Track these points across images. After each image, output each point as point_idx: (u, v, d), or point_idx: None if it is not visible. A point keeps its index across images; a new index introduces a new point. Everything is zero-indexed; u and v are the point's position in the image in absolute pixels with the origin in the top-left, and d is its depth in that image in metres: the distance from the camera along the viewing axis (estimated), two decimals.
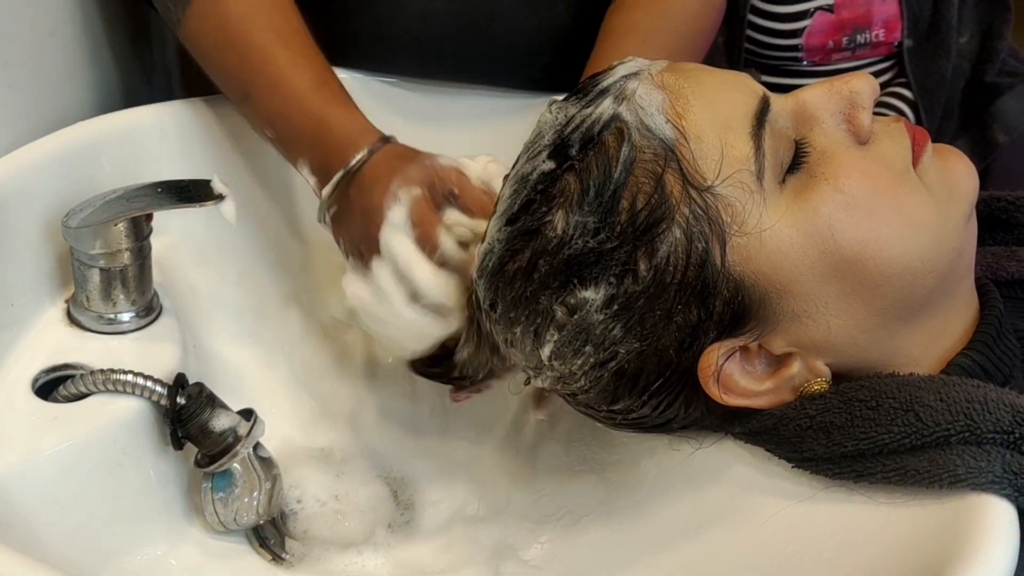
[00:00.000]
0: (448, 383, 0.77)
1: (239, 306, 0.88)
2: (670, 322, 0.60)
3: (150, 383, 0.69)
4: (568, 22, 0.92)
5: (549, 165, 0.62)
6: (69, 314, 0.76)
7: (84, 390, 0.69)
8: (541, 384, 0.66)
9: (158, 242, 0.77)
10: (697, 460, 0.66)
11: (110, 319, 0.75)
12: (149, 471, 0.71)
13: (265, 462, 0.73)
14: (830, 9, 1.21)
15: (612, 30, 0.86)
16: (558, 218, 0.61)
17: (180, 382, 0.71)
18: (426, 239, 0.72)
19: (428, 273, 0.71)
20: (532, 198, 0.62)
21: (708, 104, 0.61)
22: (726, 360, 0.61)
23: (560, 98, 0.66)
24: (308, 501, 0.79)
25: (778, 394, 0.63)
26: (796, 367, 0.62)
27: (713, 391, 0.62)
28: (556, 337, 0.62)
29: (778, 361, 0.62)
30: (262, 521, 0.74)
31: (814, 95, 0.62)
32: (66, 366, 0.73)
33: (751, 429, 0.63)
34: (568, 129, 0.62)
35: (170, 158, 0.85)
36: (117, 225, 0.72)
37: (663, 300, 0.60)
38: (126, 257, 0.74)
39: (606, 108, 0.62)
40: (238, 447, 0.70)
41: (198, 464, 0.72)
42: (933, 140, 0.64)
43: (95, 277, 0.74)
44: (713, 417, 0.65)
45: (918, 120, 1.24)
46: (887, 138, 0.62)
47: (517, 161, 0.66)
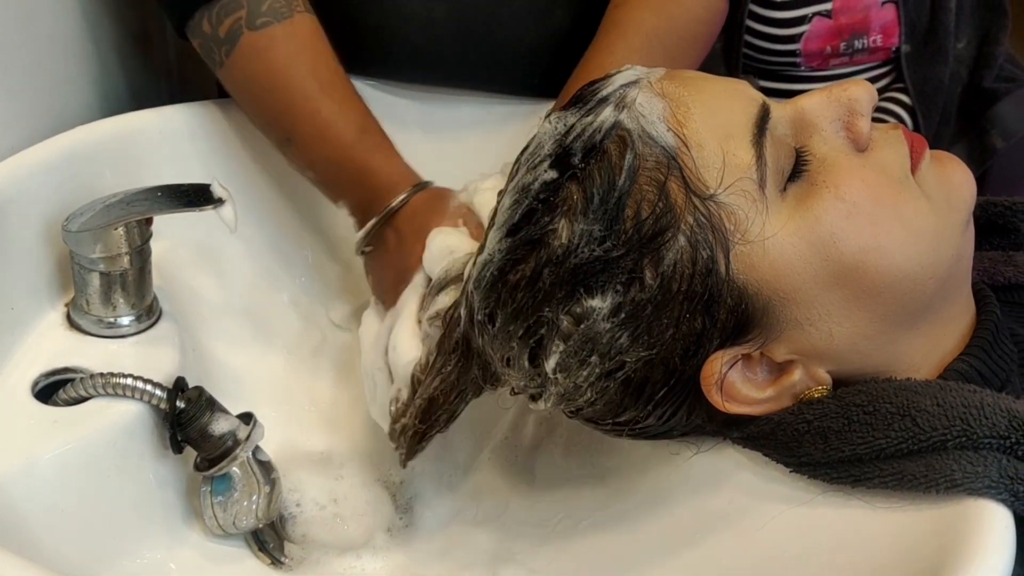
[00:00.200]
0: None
1: (239, 310, 0.88)
2: (676, 330, 0.60)
3: (150, 387, 0.70)
4: (567, 30, 0.92)
5: (551, 174, 0.61)
6: (69, 318, 0.76)
7: (84, 394, 0.70)
8: (544, 405, 0.65)
9: (158, 246, 0.77)
10: (695, 464, 0.66)
11: (110, 323, 0.75)
12: (148, 475, 0.71)
13: (264, 466, 0.73)
14: (828, 15, 1.21)
15: (616, 24, 0.86)
16: (562, 227, 0.60)
17: (180, 386, 0.71)
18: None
19: (406, 332, 0.74)
20: (534, 207, 0.62)
21: (709, 112, 0.61)
22: (729, 368, 0.61)
23: (558, 107, 0.66)
24: (307, 505, 0.79)
25: (779, 401, 0.63)
26: (798, 375, 0.62)
27: (716, 399, 0.62)
28: (562, 348, 0.62)
29: (780, 369, 0.62)
30: (261, 525, 0.74)
31: (813, 103, 0.62)
32: (66, 370, 0.73)
33: (749, 434, 0.63)
34: (569, 138, 0.62)
35: (170, 162, 0.85)
36: (117, 229, 0.72)
37: (670, 308, 0.60)
38: (126, 261, 0.74)
39: (607, 116, 0.61)
40: (237, 451, 0.70)
41: (197, 468, 0.72)
42: (931, 145, 0.64)
43: (95, 281, 0.74)
44: (713, 424, 0.65)
45: (916, 125, 1.24)
46: (886, 145, 0.62)
47: (515, 173, 0.65)
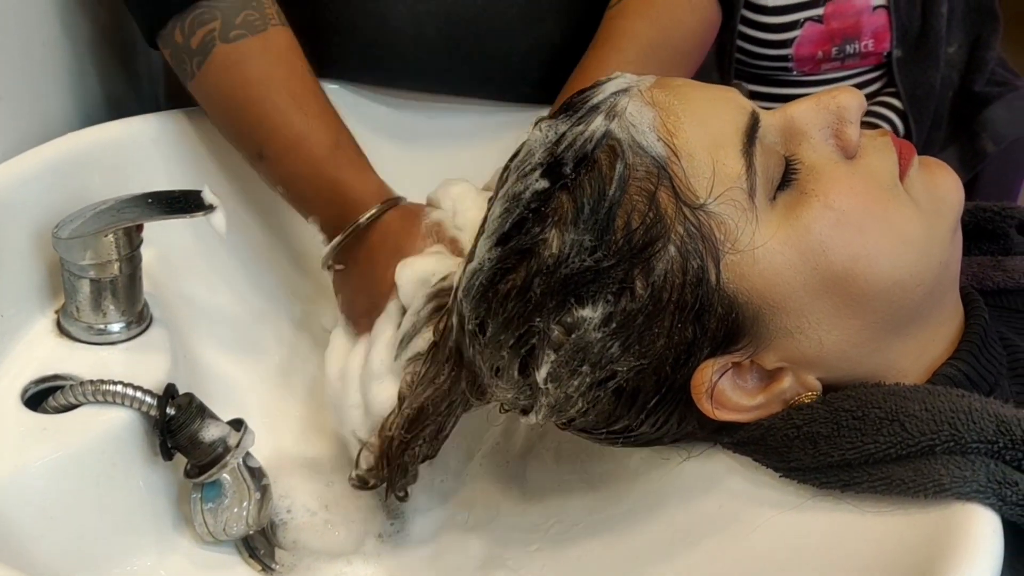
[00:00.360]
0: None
1: (229, 317, 0.88)
2: (667, 340, 0.60)
3: (140, 394, 0.69)
4: (558, 39, 0.91)
5: (543, 184, 0.61)
6: (59, 325, 0.76)
7: (74, 401, 0.69)
8: (535, 418, 0.65)
9: (148, 253, 0.77)
10: (686, 470, 0.66)
11: (100, 330, 0.75)
12: (139, 482, 0.71)
13: (255, 472, 0.73)
14: (820, 20, 1.21)
15: (612, 35, 0.85)
16: (552, 237, 0.60)
17: (170, 393, 0.71)
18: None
19: (381, 367, 0.74)
20: (525, 217, 0.62)
21: (698, 121, 0.61)
22: (720, 377, 0.61)
23: (547, 115, 0.65)
24: (298, 511, 0.79)
25: (769, 408, 0.63)
26: (788, 382, 0.62)
27: (706, 407, 0.62)
28: (553, 358, 0.62)
29: (770, 376, 0.62)
30: (252, 531, 0.74)
31: (802, 110, 0.62)
32: (56, 377, 0.73)
33: (739, 439, 0.64)
34: (560, 147, 0.62)
35: (160, 169, 0.85)
36: (107, 236, 0.72)
37: (660, 318, 0.60)
38: (116, 268, 0.74)
39: (598, 126, 0.61)
40: (228, 457, 0.70)
41: (188, 475, 0.72)
42: (923, 150, 0.64)
43: (85, 288, 0.74)
44: (704, 430, 0.65)
45: (907, 130, 1.24)
46: (874, 152, 0.62)
47: (505, 180, 0.65)
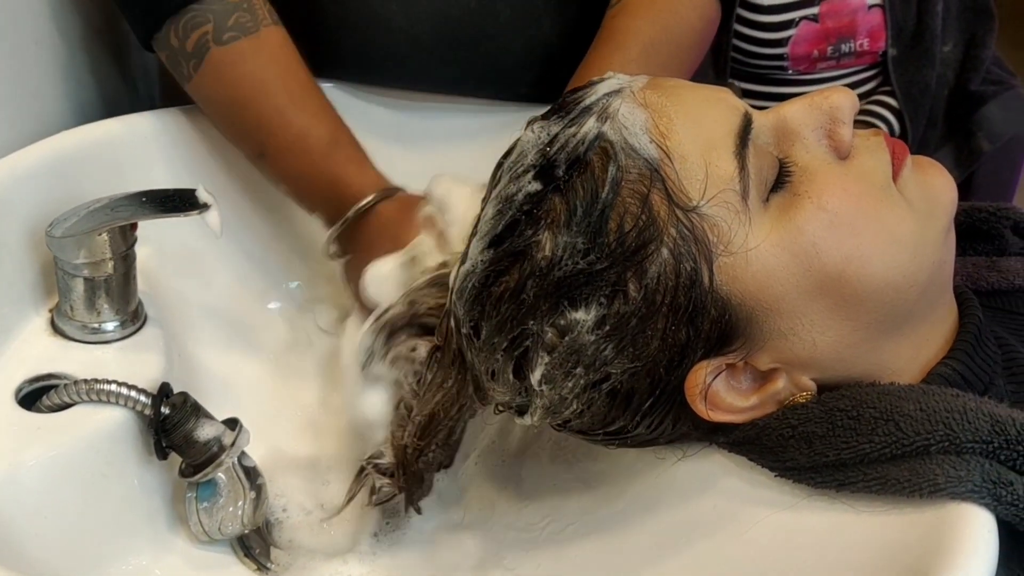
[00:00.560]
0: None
1: (224, 315, 0.87)
2: (661, 342, 0.60)
3: (134, 393, 0.69)
4: (553, 39, 0.91)
5: (535, 186, 0.61)
6: (53, 324, 0.76)
7: (68, 400, 0.69)
8: (530, 419, 0.65)
9: (143, 251, 0.77)
10: (681, 469, 0.67)
11: (94, 328, 0.75)
12: (133, 481, 0.71)
13: (250, 471, 0.73)
14: (815, 19, 1.22)
15: (613, 34, 0.85)
16: (545, 239, 0.60)
17: (164, 392, 0.71)
18: None
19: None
20: (517, 219, 0.62)
21: (691, 123, 0.60)
22: (714, 378, 0.61)
23: (540, 115, 0.65)
24: (293, 510, 0.79)
25: (763, 409, 0.63)
26: (781, 383, 0.62)
27: (700, 408, 0.62)
28: (547, 360, 0.62)
29: (764, 377, 0.62)
30: (247, 531, 0.74)
31: (794, 111, 0.62)
32: (50, 376, 0.73)
33: (735, 439, 0.64)
34: (553, 149, 0.62)
35: (154, 167, 0.85)
36: (101, 235, 0.72)
37: (654, 320, 0.60)
38: (110, 266, 0.73)
39: (590, 127, 0.61)
40: (223, 456, 0.70)
41: (182, 474, 0.72)
42: (918, 148, 0.64)
43: (79, 287, 0.74)
44: (700, 431, 0.65)
45: (903, 128, 1.24)
46: (867, 153, 0.62)
47: (497, 181, 0.65)
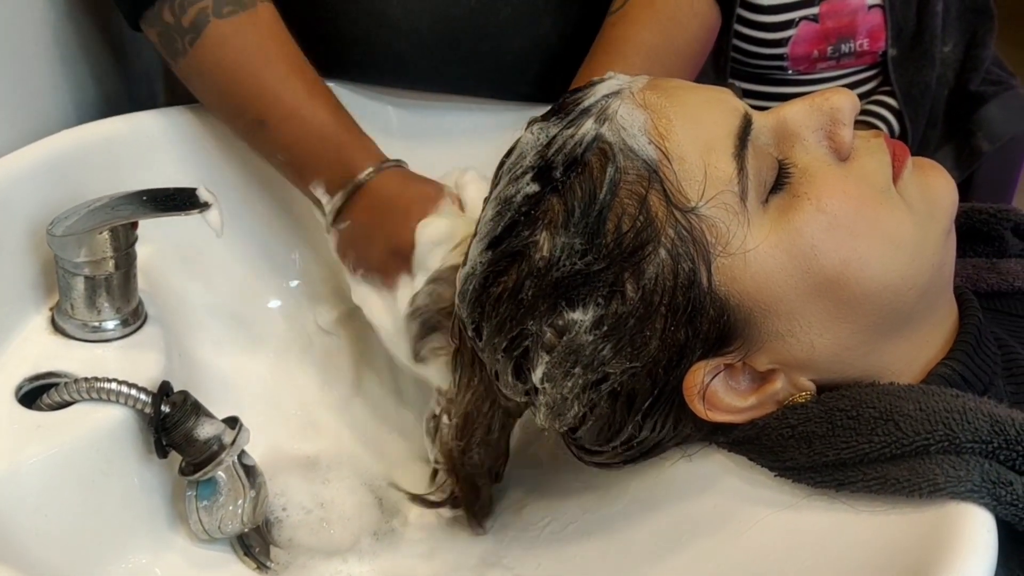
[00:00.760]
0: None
1: (224, 314, 0.87)
2: (659, 343, 0.60)
3: (134, 391, 0.69)
4: (554, 38, 0.91)
5: (533, 188, 0.62)
6: (53, 322, 0.76)
7: (68, 398, 0.69)
8: (538, 419, 0.65)
9: (143, 250, 0.77)
10: (681, 469, 0.67)
11: (95, 327, 0.75)
12: (133, 479, 0.71)
13: (250, 470, 0.73)
14: (815, 19, 1.22)
15: (615, 43, 0.85)
16: (543, 239, 0.61)
17: (165, 390, 0.71)
18: None
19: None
20: (516, 220, 0.62)
21: (690, 124, 0.61)
22: (712, 378, 0.61)
23: (539, 116, 0.65)
24: (293, 509, 0.79)
25: (762, 409, 0.63)
26: (780, 383, 0.62)
27: (698, 408, 0.62)
28: (546, 359, 0.62)
29: (762, 378, 0.63)
30: (247, 529, 0.74)
31: (795, 112, 0.62)
32: (50, 374, 0.73)
33: (734, 439, 0.64)
34: (551, 150, 0.62)
35: (155, 166, 0.85)
36: (102, 233, 0.72)
37: (651, 321, 0.60)
38: (111, 265, 0.73)
39: (588, 129, 0.61)
40: (223, 455, 0.70)
41: (182, 472, 0.72)
42: (918, 148, 0.64)
43: (80, 285, 0.74)
44: (701, 431, 0.65)
45: (903, 129, 1.24)
46: (867, 154, 0.62)
47: (497, 182, 0.65)
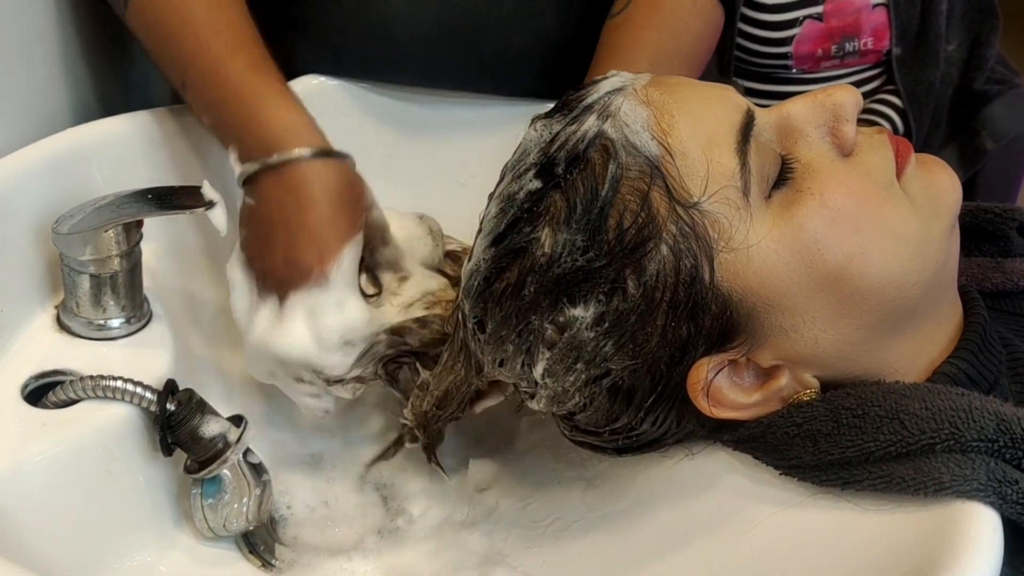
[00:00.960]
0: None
1: (230, 313, 0.87)
2: (661, 339, 0.60)
3: (140, 389, 0.69)
4: (557, 34, 0.91)
5: (536, 184, 0.62)
6: (59, 320, 0.76)
7: (74, 396, 0.69)
8: (536, 406, 0.66)
9: (148, 248, 0.77)
10: (685, 467, 0.67)
11: (100, 325, 0.75)
12: (139, 477, 0.71)
13: (255, 468, 0.73)
14: (819, 18, 1.22)
15: (620, 45, 0.85)
16: (545, 236, 0.61)
17: (170, 388, 0.71)
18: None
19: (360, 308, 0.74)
20: (519, 216, 0.62)
21: (693, 120, 0.61)
22: (716, 374, 0.61)
23: (543, 114, 0.66)
24: (298, 507, 0.79)
25: (766, 406, 0.63)
26: (784, 379, 0.62)
27: (702, 405, 0.62)
28: (548, 355, 0.62)
29: (766, 374, 0.63)
30: (252, 527, 0.74)
31: (798, 108, 0.62)
32: (56, 372, 0.73)
33: (739, 437, 0.64)
34: (553, 147, 0.62)
35: (160, 164, 0.85)
36: (107, 231, 0.72)
37: (653, 317, 0.60)
38: (116, 263, 0.73)
39: (591, 125, 0.61)
40: (228, 453, 0.70)
41: (188, 470, 0.72)
42: (922, 147, 0.64)
43: (85, 283, 0.74)
44: (704, 429, 0.65)
45: (907, 128, 1.24)
46: (871, 150, 0.62)
47: (501, 180, 0.65)
